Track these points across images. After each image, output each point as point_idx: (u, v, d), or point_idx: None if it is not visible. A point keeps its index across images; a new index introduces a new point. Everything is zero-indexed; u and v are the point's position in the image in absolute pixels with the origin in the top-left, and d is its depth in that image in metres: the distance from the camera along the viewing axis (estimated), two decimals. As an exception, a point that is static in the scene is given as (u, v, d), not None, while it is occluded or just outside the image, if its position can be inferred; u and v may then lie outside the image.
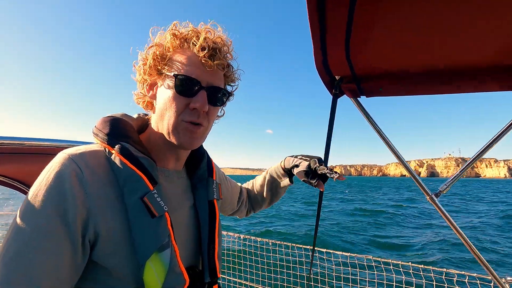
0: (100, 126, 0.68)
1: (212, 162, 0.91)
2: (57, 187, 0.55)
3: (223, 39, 0.72)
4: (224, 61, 0.71)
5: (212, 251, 0.76)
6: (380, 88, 1.07)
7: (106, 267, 0.59)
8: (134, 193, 0.61)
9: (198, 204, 0.79)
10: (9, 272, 0.50)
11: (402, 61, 0.92)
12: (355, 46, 0.81)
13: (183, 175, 0.81)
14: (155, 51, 0.69)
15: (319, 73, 1.02)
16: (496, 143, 1.05)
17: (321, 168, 0.95)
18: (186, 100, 0.67)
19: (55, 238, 0.53)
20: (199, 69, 0.67)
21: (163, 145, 0.73)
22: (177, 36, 0.68)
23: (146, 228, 0.60)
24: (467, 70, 0.92)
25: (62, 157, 0.59)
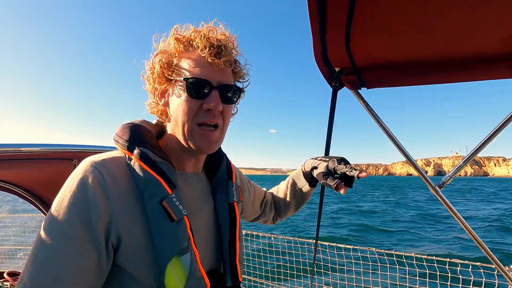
0: (120, 132, 0.69)
1: (231, 164, 0.90)
2: (81, 194, 0.57)
3: (226, 35, 0.70)
4: (231, 57, 0.69)
5: (233, 254, 0.76)
6: (381, 79, 1.05)
7: (129, 271, 0.60)
8: (153, 198, 0.61)
9: (218, 207, 0.78)
10: (38, 276, 0.52)
11: (403, 50, 0.90)
12: (355, 36, 0.79)
13: (203, 178, 0.80)
14: (161, 58, 0.68)
15: (318, 66, 1.00)
16: (496, 135, 1.04)
17: (339, 167, 0.87)
18: (199, 102, 0.66)
19: (80, 244, 0.55)
20: (207, 69, 0.66)
21: (180, 150, 0.72)
22: (180, 40, 0.67)
23: (166, 232, 0.61)
24: (471, 58, 0.89)
25: (85, 165, 0.61)
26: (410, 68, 0.98)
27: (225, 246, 0.75)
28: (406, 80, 1.04)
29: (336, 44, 0.84)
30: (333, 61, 0.98)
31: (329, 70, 1.04)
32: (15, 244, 3.92)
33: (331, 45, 0.85)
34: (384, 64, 0.99)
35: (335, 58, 0.96)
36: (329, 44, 0.84)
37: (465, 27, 0.72)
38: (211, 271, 0.73)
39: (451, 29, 0.73)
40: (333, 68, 1.04)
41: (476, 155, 1.14)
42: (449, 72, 0.96)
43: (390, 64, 0.99)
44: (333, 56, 0.94)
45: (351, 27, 0.73)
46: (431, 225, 13.29)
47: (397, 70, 1.00)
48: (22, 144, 1.13)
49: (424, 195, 35.26)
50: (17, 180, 1.66)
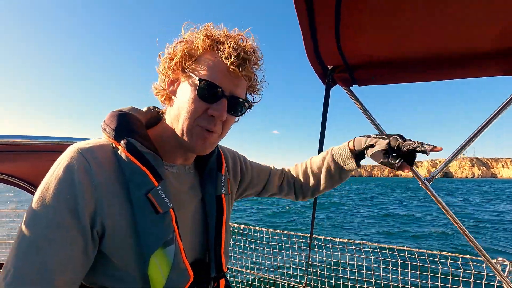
0: (107, 121, 0.68)
1: (222, 156, 0.88)
2: (67, 180, 0.56)
3: (254, 50, 0.70)
4: (251, 73, 0.69)
5: (218, 246, 0.77)
6: (373, 77, 1.08)
7: (113, 260, 0.60)
8: (139, 189, 0.61)
9: (206, 199, 0.79)
10: (24, 264, 0.51)
11: (393, 48, 0.91)
12: (345, 34, 0.80)
13: (192, 170, 0.80)
14: (184, 48, 0.67)
15: (311, 63, 1.02)
16: (485, 129, 1.07)
17: (406, 143, 0.81)
18: (205, 105, 0.65)
19: (66, 230, 0.54)
20: (224, 77, 0.65)
21: (174, 142, 0.72)
22: (209, 36, 0.66)
23: (150, 224, 0.60)
24: (462, 55, 0.91)
25: (71, 151, 0.60)
26: (400, 66, 1.00)
27: (211, 237, 0.76)
28: (397, 78, 1.07)
29: (327, 42, 0.86)
30: (325, 59, 1.01)
31: (322, 68, 1.06)
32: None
33: (322, 43, 0.87)
34: (375, 62, 1.01)
35: (327, 56, 0.98)
36: (321, 42, 0.86)
37: (456, 24, 0.73)
38: (196, 262, 0.74)
39: (442, 26, 0.75)
40: (326, 66, 1.06)
41: (464, 150, 1.18)
42: (440, 69, 0.98)
43: (381, 62, 1.01)
44: (325, 54, 0.96)
45: (340, 25, 0.75)
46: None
47: (388, 68, 1.02)
48: (25, 136, 1.14)
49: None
50: (20, 173, 1.66)
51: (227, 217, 0.83)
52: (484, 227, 12.74)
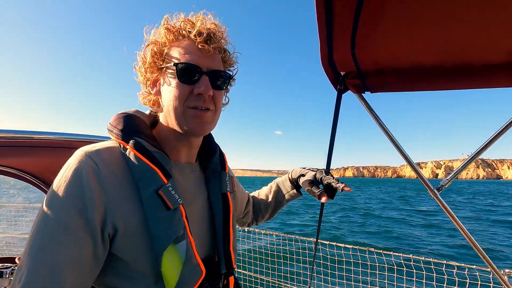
0: (114, 122, 0.69)
1: (224, 156, 0.91)
2: (75, 183, 0.57)
3: (216, 24, 0.71)
4: (220, 44, 0.71)
5: (227, 242, 0.77)
6: (385, 84, 1.08)
7: (125, 260, 0.61)
8: (149, 187, 0.62)
9: (211, 197, 0.80)
10: (35, 265, 0.52)
11: (407, 56, 0.92)
12: (361, 41, 0.81)
13: (197, 168, 0.82)
14: (152, 48, 0.69)
15: (324, 69, 1.03)
16: (499, 138, 1.06)
17: (326, 178, 0.94)
18: (189, 87, 0.67)
19: (76, 232, 0.55)
20: (197, 56, 0.67)
21: (174, 138, 0.73)
22: (170, 29, 0.68)
23: (162, 221, 0.61)
24: (476, 66, 0.91)
25: (79, 154, 0.61)
26: (413, 74, 1.00)
27: (219, 234, 0.77)
28: (409, 86, 1.06)
29: (342, 49, 0.87)
30: (338, 66, 1.01)
31: (335, 74, 1.07)
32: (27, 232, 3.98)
33: (337, 50, 0.88)
34: (388, 69, 1.02)
35: (340, 63, 0.98)
36: (335, 49, 0.87)
37: (471, 35, 0.74)
38: (206, 259, 0.75)
39: (457, 36, 0.75)
40: (339, 72, 1.07)
41: (476, 159, 1.17)
42: (453, 79, 0.97)
43: (393, 70, 1.01)
44: (339, 61, 0.97)
45: (356, 33, 0.76)
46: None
47: (401, 76, 1.02)
48: (36, 132, 1.15)
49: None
50: (30, 167, 1.69)
51: (234, 214, 0.84)
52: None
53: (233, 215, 0.83)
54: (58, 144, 1.28)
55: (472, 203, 29.18)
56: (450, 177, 1.18)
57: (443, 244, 9.28)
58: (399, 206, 23.44)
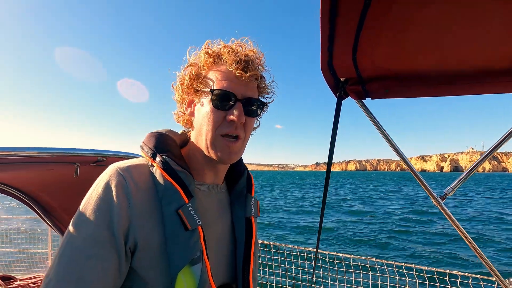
0: (146, 140, 0.72)
1: (252, 179, 0.90)
2: (105, 198, 0.60)
3: (255, 51, 0.73)
4: (257, 72, 0.72)
5: (247, 270, 0.74)
6: (386, 90, 1.06)
7: (142, 276, 0.62)
8: (170, 205, 0.63)
9: (235, 220, 0.79)
10: (63, 276, 0.55)
11: (408, 62, 0.90)
12: (363, 46, 0.79)
13: (223, 190, 0.81)
14: (191, 70, 0.72)
15: (324, 75, 1.00)
16: (508, 139, 1.04)
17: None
18: (223, 113, 0.68)
19: (103, 245, 0.57)
20: (233, 83, 0.69)
21: (202, 160, 0.74)
22: (209, 54, 0.71)
23: (179, 241, 0.62)
24: (478, 72, 0.90)
25: (111, 170, 0.64)
26: (415, 80, 0.98)
27: (239, 261, 0.75)
28: (411, 92, 1.05)
29: (343, 54, 0.84)
30: (338, 72, 0.99)
31: (335, 80, 1.04)
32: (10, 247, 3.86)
33: (337, 56, 0.86)
34: (390, 75, 0.99)
35: (340, 69, 0.96)
36: (336, 54, 0.85)
37: (474, 42, 0.72)
38: (223, 286, 0.72)
39: (460, 43, 0.73)
40: (338, 78, 1.04)
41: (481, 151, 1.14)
42: (455, 85, 0.96)
43: (395, 76, 0.99)
44: (339, 67, 0.94)
45: (359, 39, 0.74)
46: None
47: (402, 82, 1.00)
48: (24, 148, 1.12)
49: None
50: (16, 182, 1.64)
51: (256, 240, 0.81)
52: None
53: (255, 241, 0.80)
54: (37, 159, 1.24)
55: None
56: (454, 185, 1.15)
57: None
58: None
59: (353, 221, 14.26)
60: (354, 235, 10.78)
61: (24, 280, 2.23)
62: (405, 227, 12.69)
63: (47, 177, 1.50)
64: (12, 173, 1.48)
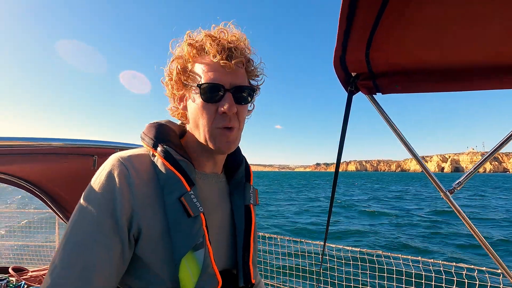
0: (146, 130, 0.73)
1: (250, 168, 0.91)
2: (108, 186, 0.61)
3: (237, 36, 0.71)
4: (242, 57, 0.71)
5: (247, 255, 0.76)
6: (396, 85, 1.06)
7: (146, 263, 0.63)
8: (172, 193, 0.64)
9: (234, 208, 0.80)
10: (68, 261, 0.56)
11: (420, 58, 0.90)
12: (376, 44, 0.80)
13: (222, 179, 0.82)
14: (177, 64, 0.71)
15: (336, 70, 1.01)
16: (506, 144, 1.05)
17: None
18: (214, 106, 0.68)
19: (107, 232, 0.58)
20: (219, 73, 0.68)
21: (200, 150, 0.75)
22: (192, 45, 0.70)
23: (182, 227, 0.63)
24: (490, 68, 0.90)
25: (113, 159, 0.65)
26: (426, 75, 0.99)
27: (239, 247, 0.76)
28: (422, 87, 1.05)
29: (356, 49, 0.85)
30: (350, 67, 0.99)
31: (346, 75, 1.05)
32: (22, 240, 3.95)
33: (350, 51, 0.87)
34: (400, 71, 1.00)
35: (352, 64, 0.97)
36: (349, 49, 0.86)
37: (488, 38, 0.73)
38: (224, 271, 0.73)
39: (475, 39, 0.74)
40: (350, 74, 1.05)
41: (482, 152, 1.15)
42: (467, 80, 0.96)
43: (406, 71, 1.00)
44: (351, 62, 0.95)
45: (375, 34, 0.75)
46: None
47: (413, 77, 1.01)
48: (41, 139, 1.14)
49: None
50: (27, 174, 1.67)
51: (256, 227, 0.83)
52: None
53: (255, 228, 0.82)
54: (54, 150, 1.26)
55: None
56: (463, 179, 1.15)
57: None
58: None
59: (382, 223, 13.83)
60: (393, 239, 10.02)
61: (36, 272, 2.29)
62: (436, 228, 12.24)
63: (61, 170, 1.53)
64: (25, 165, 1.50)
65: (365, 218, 15.63)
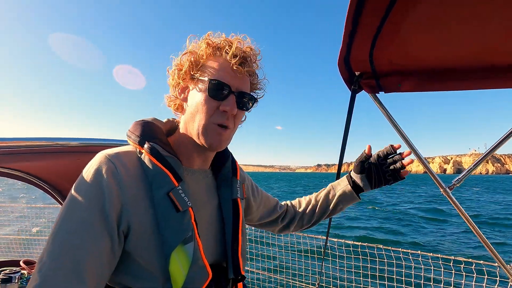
0: (132, 128, 0.74)
1: (236, 163, 0.93)
2: (96, 183, 0.61)
3: (252, 49, 0.76)
4: (252, 68, 0.75)
5: (235, 248, 0.78)
6: (399, 84, 1.08)
7: (136, 258, 0.64)
8: (160, 189, 0.65)
9: (222, 202, 0.82)
10: (58, 258, 0.55)
11: (422, 57, 0.92)
12: (380, 44, 0.81)
13: (209, 174, 0.84)
14: (189, 58, 0.74)
15: (340, 69, 1.03)
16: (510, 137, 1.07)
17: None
18: (217, 103, 0.71)
19: (96, 228, 0.58)
20: (230, 75, 0.71)
21: (191, 146, 0.76)
22: (210, 44, 0.73)
23: (171, 222, 0.64)
24: (490, 67, 0.91)
25: (100, 156, 0.65)
26: (428, 75, 1.00)
27: (228, 240, 0.78)
28: (424, 86, 1.06)
29: (360, 49, 0.87)
30: (354, 66, 1.01)
31: (349, 74, 1.07)
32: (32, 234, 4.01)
33: (355, 51, 0.88)
34: (403, 70, 1.02)
35: (356, 63, 0.99)
36: (354, 49, 0.87)
37: (488, 37, 0.74)
38: (214, 264, 0.75)
39: (476, 39, 0.75)
40: (353, 73, 1.07)
41: (487, 158, 1.17)
42: (468, 80, 0.97)
43: (408, 71, 1.01)
44: (355, 61, 0.97)
45: (379, 35, 0.76)
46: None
47: (416, 77, 1.02)
48: (44, 138, 1.17)
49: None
50: (41, 172, 1.71)
51: (243, 220, 0.85)
52: None
53: (242, 221, 0.84)
54: (63, 149, 1.30)
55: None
56: (462, 176, 1.18)
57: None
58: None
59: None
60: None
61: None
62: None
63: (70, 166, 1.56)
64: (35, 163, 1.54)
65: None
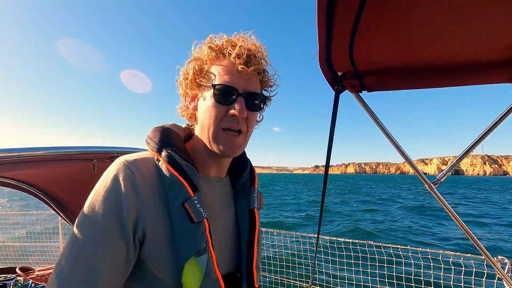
0: (151, 135, 0.71)
1: (255, 172, 0.89)
2: (113, 189, 0.59)
3: (257, 45, 0.72)
4: (260, 66, 0.71)
5: (250, 260, 0.75)
6: (381, 83, 1.08)
7: (150, 267, 0.62)
8: (176, 199, 0.63)
9: (239, 212, 0.79)
10: (74, 264, 0.55)
11: (402, 56, 0.92)
12: (358, 43, 0.81)
13: (226, 183, 0.81)
14: (194, 65, 0.71)
15: (322, 70, 1.03)
16: (489, 134, 1.08)
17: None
18: (225, 108, 0.67)
19: (112, 236, 0.57)
20: (235, 77, 0.68)
21: (205, 154, 0.73)
22: (212, 48, 0.69)
23: (186, 233, 0.62)
24: (470, 64, 0.91)
25: (119, 163, 0.63)
26: (409, 72, 1.01)
27: (243, 251, 0.75)
28: (405, 84, 1.07)
29: (340, 50, 0.87)
30: (336, 66, 1.01)
31: (332, 74, 1.07)
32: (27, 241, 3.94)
33: (335, 52, 0.88)
34: (384, 69, 1.02)
35: (338, 64, 0.99)
36: (333, 51, 0.87)
37: (465, 35, 0.75)
38: (228, 275, 0.73)
39: (452, 36, 0.76)
40: (336, 73, 1.07)
41: (469, 154, 1.18)
42: (447, 77, 0.98)
43: (389, 69, 1.02)
44: (336, 62, 0.97)
45: (355, 35, 0.76)
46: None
47: (396, 75, 1.03)
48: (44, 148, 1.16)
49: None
50: (33, 180, 1.69)
51: (260, 231, 0.82)
52: None
53: (259, 232, 0.81)
54: (56, 157, 1.29)
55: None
56: (445, 172, 1.19)
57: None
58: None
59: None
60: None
61: (42, 271, 2.31)
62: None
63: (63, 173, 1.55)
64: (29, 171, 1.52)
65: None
